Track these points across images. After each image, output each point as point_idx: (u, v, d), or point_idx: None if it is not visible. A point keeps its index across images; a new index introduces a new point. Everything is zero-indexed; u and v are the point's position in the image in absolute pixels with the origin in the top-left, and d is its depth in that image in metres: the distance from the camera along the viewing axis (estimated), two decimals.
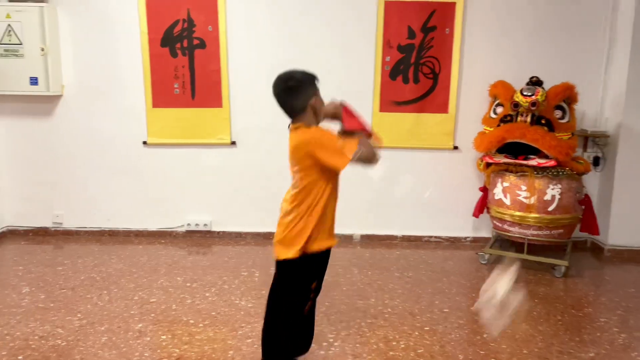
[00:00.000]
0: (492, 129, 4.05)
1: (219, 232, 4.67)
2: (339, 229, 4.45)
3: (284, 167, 4.54)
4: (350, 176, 4.50)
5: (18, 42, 4.16)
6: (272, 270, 3.80)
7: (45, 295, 3.36)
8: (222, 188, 4.60)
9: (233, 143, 4.51)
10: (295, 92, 2.15)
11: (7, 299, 3.30)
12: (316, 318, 3.11)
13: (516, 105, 3.84)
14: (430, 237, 4.64)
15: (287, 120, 2.34)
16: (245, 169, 4.56)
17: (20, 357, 2.62)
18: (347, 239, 4.62)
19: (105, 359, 2.61)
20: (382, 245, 4.55)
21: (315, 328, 2.96)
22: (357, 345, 2.83)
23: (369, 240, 4.64)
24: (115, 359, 2.62)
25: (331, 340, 2.87)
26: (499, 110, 4.09)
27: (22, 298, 3.31)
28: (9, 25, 4.13)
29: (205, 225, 4.63)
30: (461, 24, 4.29)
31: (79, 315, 3.09)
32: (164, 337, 2.87)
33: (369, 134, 2.24)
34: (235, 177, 4.59)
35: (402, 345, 2.82)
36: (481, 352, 2.78)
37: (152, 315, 3.12)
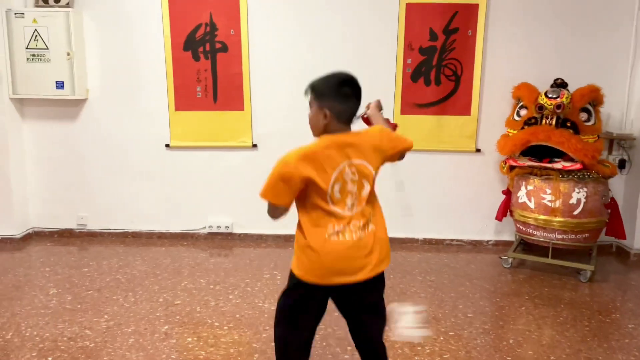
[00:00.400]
0: (515, 132, 4.01)
1: (240, 235, 4.70)
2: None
3: None
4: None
5: (44, 46, 4.23)
6: None
7: (72, 296, 3.41)
8: (244, 190, 4.60)
9: (254, 146, 4.54)
10: None
11: (35, 300, 3.36)
12: (340, 321, 3.12)
13: (541, 107, 3.80)
14: (452, 240, 4.61)
15: (307, 124, 2.12)
16: (266, 171, 4.48)
17: (50, 359, 2.66)
18: None
19: None
20: (402, 248, 4.53)
21: (339, 331, 2.98)
22: None
23: (390, 243, 4.61)
24: None
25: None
26: (523, 112, 4.05)
27: (50, 299, 3.36)
28: (35, 30, 4.21)
29: (226, 227, 4.66)
30: (484, 25, 4.26)
31: (105, 316, 3.14)
32: (189, 339, 2.89)
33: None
34: (257, 180, 4.50)
35: (428, 351, 2.81)
36: (507, 358, 2.76)
37: (177, 317, 3.15)
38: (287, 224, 4.73)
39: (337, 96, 1.88)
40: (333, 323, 2.89)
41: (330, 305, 2.08)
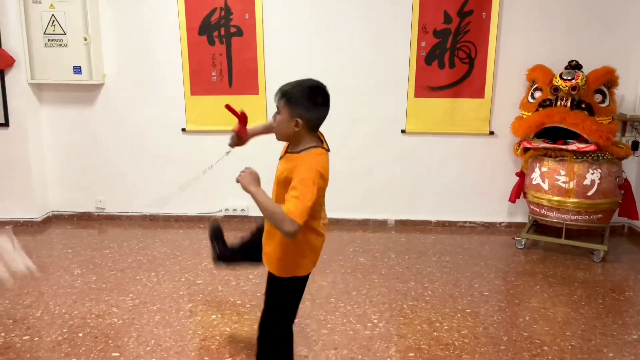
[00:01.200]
0: (530, 114, 4.04)
1: (255, 217, 4.76)
2: (373, 214, 4.51)
3: None
4: (384, 159, 4.57)
5: (62, 32, 4.27)
6: None
7: (97, 276, 3.50)
8: (260, 174, 4.66)
9: None
10: None
11: (60, 280, 3.45)
12: (359, 299, 3.21)
13: (556, 89, 3.82)
14: (465, 222, 4.66)
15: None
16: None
17: (80, 334, 2.75)
18: (381, 224, 4.68)
19: (161, 337, 2.72)
20: (416, 230, 4.59)
21: (359, 309, 3.05)
22: (401, 326, 2.89)
23: (403, 225, 4.68)
24: (170, 336, 2.73)
25: (375, 321, 2.94)
26: (537, 94, 4.08)
27: (75, 279, 3.45)
28: (52, 15, 4.24)
29: (242, 210, 4.73)
30: (498, 7, 4.26)
31: (130, 295, 3.22)
32: (213, 316, 2.97)
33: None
34: (271, 163, 4.65)
35: (446, 327, 2.88)
36: (524, 334, 2.82)
37: (200, 295, 3.23)
38: None
39: (309, 104, 1.90)
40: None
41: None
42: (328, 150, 2.02)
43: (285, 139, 1.99)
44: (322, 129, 2.87)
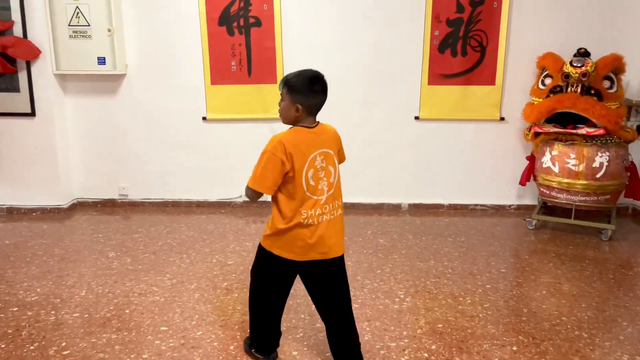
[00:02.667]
0: (540, 100, 4.21)
1: None
2: (388, 198, 4.66)
3: None
4: (398, 145, 4.73)
5: (86, 23, 4.38)
6: None
7: (131, 259, 3.66)
8: None
9: None
10: None
11: (97, 262, 3.61)
12: (384, 277, 3.38)
13: (567, 76, 3.99)
14: (476, 205, 4.85)
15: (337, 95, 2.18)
16: None
17: (127, 311, 2.92)
18: (395, 208, 4.85)
19: (204, 312, 2.89)
20: (429, 213, 4.77)
21: (385, 285, 3.23)
22: (427, 300, 3.07)
23: (417, 209, 4.86)
24: (212, 311, 2.91)
25: (402, 296, 3.12)
26: (548, 81, 4.24)
27: (111, 262, 3.61)
28: (77, 7, 4.35)
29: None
30: None
31: (167, 275, 3.39)
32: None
33: None
34: None
35: (469, 301, 3.07)
36: (543, 306, 3.01)
37: (234, 275, 3.40)
38: None
39: (308, 92, 2.07)
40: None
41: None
42: (312, 127, 2.13)
43: (289, 122, 2.15)
44: (338, 114, 3.13)
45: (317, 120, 2.18)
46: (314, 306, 2.92)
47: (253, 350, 2.47)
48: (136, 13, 4.53)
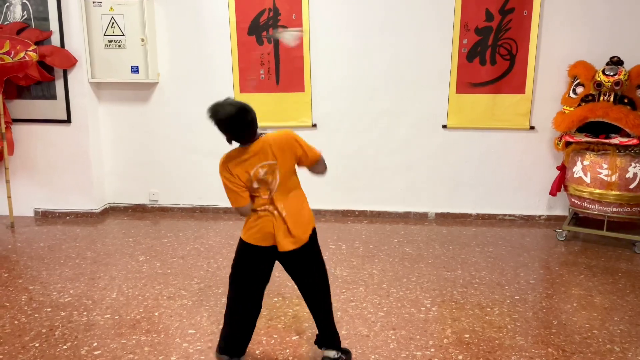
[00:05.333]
0: (572, 109, 4.14)
1: None
2: (414, 207, 4.63)
3: (361, 148, 4.81)
4: (425, 154, 4.71)
5: (120, 33, 4.52)
6: (357, 244, 4.09)
7: (161, 263, 3.73)
8: (303, 168, 4.86)
9: (314, 125, 4.77)
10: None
11: (127, 265, 3.69)
12: (410, 285, 3.36)
13: (599, 85, 3.92)
14: (505, 215, 4.78)
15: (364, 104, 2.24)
16: (325, 150, 4.74)
17: (156, 313, 2.98)
18: (422, 217, 4.82)
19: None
20: (456, 223, 4.73)
21: (411, 294, 3.21)
22: (454, 310, 3.04)
23: (444, 218, 4.82)
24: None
25: (428, 305, 3.10)
26: (579, 90, 4.17)
27: (141, 265, 3.69)
28: (112, 17, 4.50)
29: None
30: (539, 5, 4.36)
31: (195, 279, 3.44)
32: (275, 299, 3.17)
33: None
34: None
35: (497, 312, 3.02)
36: (573, 319, 2.95)
37: None
38: (346, 200, 5.00)
39: (221, 130, 2.32)
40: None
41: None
42: (243, 144, 2.37)
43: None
44: (365, 122, 4.08)
45: (257, 135, 2.35)
46: (339, 313, 2.94)
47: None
48: (168, 23, 4.66)
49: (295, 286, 3.32)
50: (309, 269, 2.45)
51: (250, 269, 2.40)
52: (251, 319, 2.43)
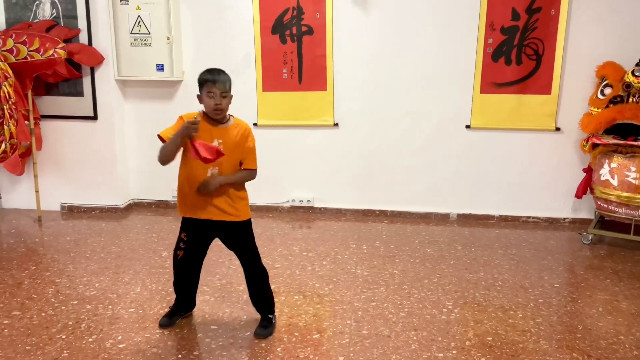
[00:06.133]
0: (599, 110, 4.07)
1: (320, 208, 4.97)
2: (436, 208, 4.58)
3: (383, 148, 4.79)
4: (448, 154, 4.68)
5: (146, 31, 4.58)
6: (378, 244, 4.07)
7: None
8: (325, 167, 4.88)
9: (336, 124, 4.77)
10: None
11: (151, 261, 3.74)
12: (431, 286, 3.34)
13: (628, 86, 3.84)
14: (528, 217, 4.71)
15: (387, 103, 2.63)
16: (346, 149, 4.81)
17: None
18: (443, 218, 4.79)
19: (252, 313, 2.94)
20: (479, 224, 4.68)
21: (432, 295, 3.19)
22: (476, 312, 3.02)
23: (466, 219, 4.78)
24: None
25: (450, 307, 3.08)
26: (607, 91, 4.09)
27: (164, 260, 3.74)
28: (138, 16, 4.56)
29: (308, 201, 4.94)
30: (567, 4, 4.29)
31: (217, 276, 3.48)
32: (296, 297, 3.18)
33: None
34: (337, 157, 4.86)
35: (520, 315, 2.99)
36: (599, 324, 2.90)
37: (281, 278, 3.45)
38: (366, 200, 4.98)
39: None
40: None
41: None
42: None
43: (223, 115, 2.59)
44: (388, 122, 4.43)
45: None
46: (360, 312, 2.94)
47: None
48: (193, 22, 4.70)
49: (316, 285, 3.35)
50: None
51: None
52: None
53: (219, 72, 2.59)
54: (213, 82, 2.53)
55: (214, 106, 2.53)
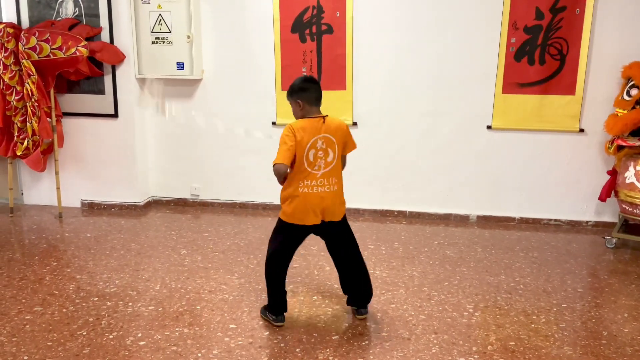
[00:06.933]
0: (625, 112, 3.98)
1: None
2: (455, 209, 4.53)
3: (402, 148, 4.75)
4: (468, 155, 4.62)
5: (167, 30, 4.60)
6: (397, 245, 4.04)
7: (202, 257, 3.78)
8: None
9: (355, 124, 4.74)
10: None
11: (170, 258, 3.76)
12: (451, 289, 3.31)
13: None
14: (550, 220, 4.64)
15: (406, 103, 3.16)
16: (365, 148, 4.73)
17: (198, 307, 3.02)
18: (463, 219, 4.73)
19: None
20: (499, 226, 4.61)
21: (452, 298, 3.15)
22: (498, 316, 2.97)
23: (486, 221, 4.72)
24: None
25: (471, 310, 3.04)
26: (634, 92, 4.00)
27: (183, 259, 3.75)
28: (159, 15, 4.58)
29: None
30: (592, 3, 4.20)
31: (236, 274, 3.48)
32: (314, 297, 3.17)
33: None
34: (356, 157, 4.75)
35: (543, 320, 2.93)
36: (624, 330, 2.83)
37: (299, 278, 3.44)
38: (385, 200, 4.95)
39: (303, 88, 2.68)
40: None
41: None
42: (321, 117, 2.71)
43: (298, 118, 2.71)
44: (407, 121, 4.42)
45: (324, 113, 2.72)
46: (379, 314, 2.91)
47: (267, 312, 2.84)
48: (214, 21, 4.71)
49: (335, 285, 3.33)
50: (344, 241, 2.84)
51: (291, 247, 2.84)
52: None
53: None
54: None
55: None
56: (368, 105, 4.69)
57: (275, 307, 2.81)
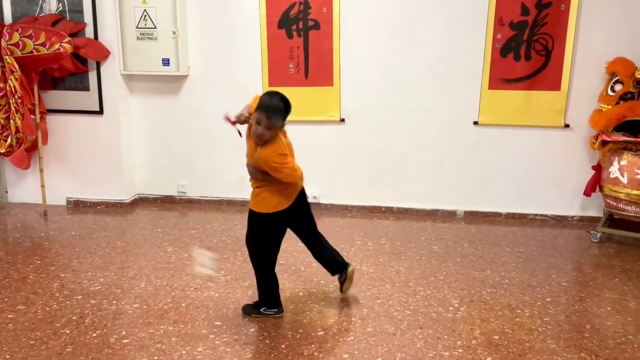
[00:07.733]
0: (610, 107, 4.01)
1: (326, 205, 4.94)
2: (442, 205, 4.52)
3: (389, 144, 4.76)
4: (455, 151, 4.63)
5: (152, 26, 4.56)
6: (384, 240, 4.04)
7: (188, 254, 3.77)
8: (331, 163, 4.85)
9: (342, 120, 4.73)
10: None
11: (156, 256, 3.74)
12: (437, 284, 3.32)
13: (639, 82, 3.78)
14: (536, 214, 4.67)
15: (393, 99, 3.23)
16: (352, 145, 4.78)
17: (183, 304, 3.01)
18: (450, 215, 4.75)
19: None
20: (486, 221, 4.64)
21: (438, 293, 3.17)
22: (483, 311, 2.99)
23: (473, 216, 4.74)
24: None
25: (456, 305, 3.05)
26: (618, 87, 4.03)
27: (169, 256, 3.73)
28: (144, 10, 4.54)
29: (314, 197, 4.91)
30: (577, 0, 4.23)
31: (222, 271, 3.46)
32: (301, 294, 3.17)
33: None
34: (343, 153, 4.83)
35: (527, 314, 2.95)
36: (607, 323, 2.86)
37: (286, 274, 3.44)
38: (372, 196, 4.94)
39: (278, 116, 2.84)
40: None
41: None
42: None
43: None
44: (395, 118, 4.46)
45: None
46: (365, 310, 2.92)
47: (265, 309, 2.86)
48: (200, 17, 4.67)
49: (321, 282, 3.33)
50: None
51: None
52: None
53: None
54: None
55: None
56: (355, 102, 4.69)
57: (274, 299, 2.88)
